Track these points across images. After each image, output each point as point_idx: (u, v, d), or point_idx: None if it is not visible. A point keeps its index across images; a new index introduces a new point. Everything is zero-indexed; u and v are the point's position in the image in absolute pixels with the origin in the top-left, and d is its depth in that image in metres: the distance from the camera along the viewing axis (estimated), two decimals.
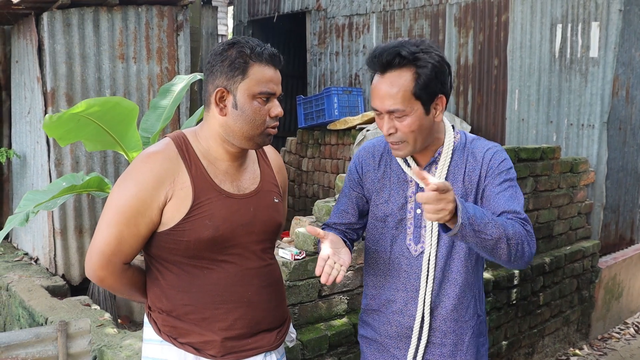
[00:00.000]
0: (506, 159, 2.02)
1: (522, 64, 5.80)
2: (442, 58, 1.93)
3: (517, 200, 1.94)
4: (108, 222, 1.80)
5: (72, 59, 5.25)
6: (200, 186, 1.82)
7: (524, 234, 1.84)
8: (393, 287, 2.11)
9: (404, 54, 1.87)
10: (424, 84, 1.88)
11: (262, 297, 1.94)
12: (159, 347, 1.90)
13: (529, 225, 1.89)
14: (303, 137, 7.67)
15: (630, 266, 5.69)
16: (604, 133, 5.27)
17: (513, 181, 1.99)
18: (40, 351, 2.75)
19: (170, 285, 1.87)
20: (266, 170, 2.04)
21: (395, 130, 1.93)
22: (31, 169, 5.72)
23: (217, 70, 1.80)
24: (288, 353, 2.85)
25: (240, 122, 1.81)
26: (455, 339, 2.10)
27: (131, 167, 1.82)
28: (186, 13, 5.83)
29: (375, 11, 7.26)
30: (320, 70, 8.06)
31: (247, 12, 9.29)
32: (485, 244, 1.76)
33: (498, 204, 1.93)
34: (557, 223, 4.88)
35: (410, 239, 2.06)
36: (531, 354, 4.61)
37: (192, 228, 1.79)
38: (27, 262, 5.52)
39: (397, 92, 1.88)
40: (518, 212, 1.90)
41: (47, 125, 3.58)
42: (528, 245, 1.84)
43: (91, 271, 1.85)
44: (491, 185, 1.97)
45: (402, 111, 1.89)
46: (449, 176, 2.03)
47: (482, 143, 2.06)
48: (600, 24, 5.22)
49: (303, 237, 3.17)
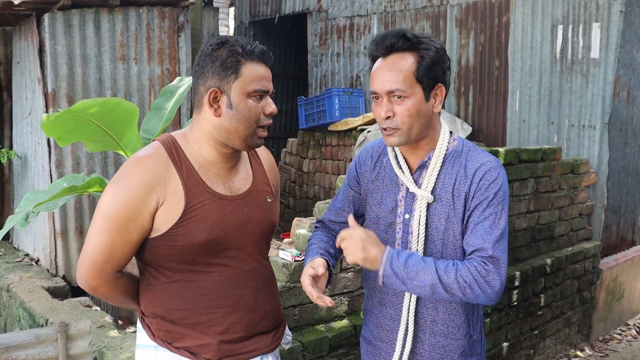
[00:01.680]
0: (497, 178, 1.92)
1: (523, 65, 5.80)
2: (443, 48, 1.93)
3: (493, 233, 1.88)
4: (98, 229, 1.76)
5: (73, 60, 5.25)
6: (192, 189, 1.79)
7: (472, 278, 1.81)
8: (384, 290, 2.09)
9: (409, 36, 1.87)
10: (426, 67, 1.87)
11: (258, 300, 1.92)
12: (153, 353, 1.88)
13: (490, 265, 1.83)
14: (304, 138, 7.67)
15: (632, 267, 5.68)
16: (605, 134, 5.26)
17: (498, 206, 1.91)
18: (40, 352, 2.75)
19: (164, 290, 1.85)
20: (258, 169, 2.01)
21: (393, 115, 1.89)
22: (32, 170, 5.72)
23: (209, 71, 1.78)
24: (288, 354, 2.85)
25: (235, 121, 1.78)
26: (444, 355, 2.05)
27: (120, 173, 1.79)
28: (187, 14, 5.83)
29: (376, 12, 7.26)
30: (321, 72, 8.06)
31: (249, 13, 9.29)
32: (419, 291, 1.84)
33: (472, 238, 1.89)
34: (558, 224, 4.88)
35: (399, 244, 2.03)
36: (532, 356, 4.60)
37: (186, 232, 1.76)
38: (28, 263, 5.52)
39: (398, 73, 1.87)
40: (484, 249, 1.85)
41: (45, 125, 3.56)
42: (478, 287, 1.81)
43: (83, 280, 1.81)
44: (476, 211, 1.91)
45: (403, 91, 1.86)
46: (438, 184, 1.97)
47: (477, 157, 1.97)
48: (601, 25, 5.21)
49: (303, 239, 3.17)
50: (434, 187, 1.97)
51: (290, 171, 7.96)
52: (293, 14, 8.43)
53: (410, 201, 2.00)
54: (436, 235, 1.97)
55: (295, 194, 7.86)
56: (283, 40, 9.68)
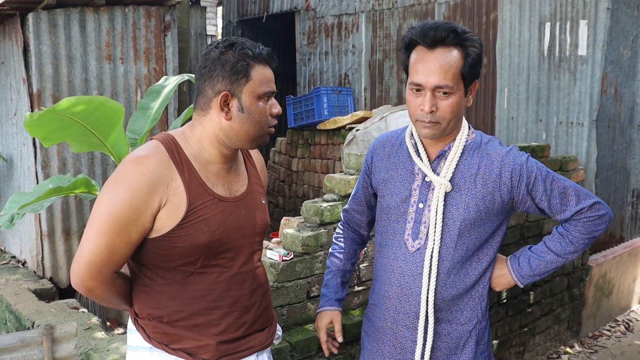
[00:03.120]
0: (527, 159, 2.02)
1: (511, 62, 5.80)
2: (482, 43, 1.96)
3: (570, 193, 2.03)
4: (98, 230, 1.70)
5: (58, 60, 5.21)
6: (194, 191, 1.77)
7: (586, 234, 2.03)
8: (388, 282, 2.09)
9: (459, 31, 1.89)
10: (472, 64, 1.90)
11: (254, 300, 1.93)
12: (147, 354, 1.86)
13: (593, 211, 2.02)
14: (293, 137, 7.65)
15: (620, 264, 5.70)
16: (593, 131, 5.27)
17: (549, 175, 2.03)
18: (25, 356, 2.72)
19: (160, 292, 1.82)
20: (252, 171, 2.02)
21: (437, 109, 1.91)
22: (18, 172, 5.67)
23: (218, 75, 1.76)
24: (276, 355, 2.83)
25: (247, 124, 1.79)
26: (450, 343, 2.07)
27: (121, 172, 1.73)
28: (174, 13, 5.80)
29: (364, 10, 7.25)
30: (309, 70, 8.04)
31: (237, 12, 9.26)
32: (554, 271, 2.12)
33: (559, 210, 2.04)
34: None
35: (409, 234, 2.04)
36: (522, 353, 4.60)
37: (188, 234, 1.75)
38: (15, 266, 5.47)
39: (448, 69, 1.88)
40: (579, 210, 2.03)
41: (28, 124, 3.51)
42: (597, 230, 2.04)
43: (79, 282, 1.76)
44: (536, 194, 2.01)
45: (450, 88, 1.88)
46: (457, 174, 2.00)
47: (498, 145, 2.05)
48: (588, 22, 5.22)
49: (291, 238, 3.15)
50: (452, 176, 2.00)
51: (279, 170, 7.94)
52: (281, 12, 8.41)
53: (425, 191, 2.03)
54: (452, 226, 2.00)
55: (284, 193, 7.84)
56: (271, 40, 9.65)
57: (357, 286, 3.35)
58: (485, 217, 2.01)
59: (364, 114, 6.38)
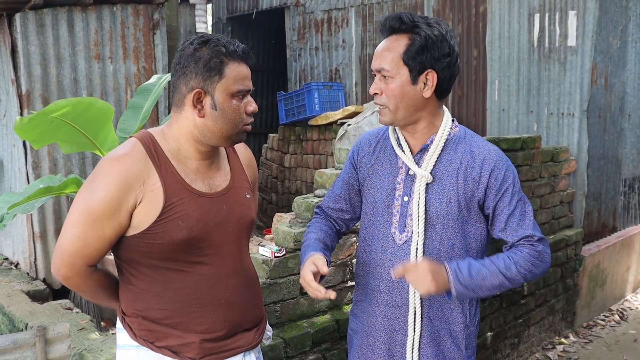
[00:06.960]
0: (508, 167, 2.02)
1: (501, 54, 5.80)
2: (443, 36, 1.95)
3: (527, 218, 2.01)
4: (73, 222, 1.75)
5: (46, 60, 5.17)
6: (171, 187, 1.77)
7: (529, 263, 1.96)
8: (378, 275, 2.09)
9: (404, 19, 1.94)
10: (414, 51, 1.92)
11: (240, 298, 1.92)
12: (134, 352, 1.86)
13: (540, 245, 1.99)
14: (284, 133, 7.64)
15: (614, 253, 5.72)
16: (584, 121, 5.28)
17: (520, 193, 2.03)
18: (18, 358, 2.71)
19: (144, 290, 1.83)
20: (236, 166, 2.00)
21: (380, 92, 1.99)
22: (8, 173, 5.64)
23: (191, 72, 1.76)
24: (270, 351, 2.83)
25: (220, 122, 1.78)
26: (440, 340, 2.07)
27: (98, 169, 1.77)
28: (162, 11, 5.77)
29: (353, 5, 7.23)
30: (300, 66, 8.03)
31: (226, 9, 9.22)
32: (488, 293, 1.96)
33: (512, 228, 2.00)
34: (540, 212, 4.89)
35: (396, 227, 2.05)
36: (517, 344, 4.62)
37: (165, 230, 1.75)
38: (7, 267, 5.45)
39: (388, 53, 1.96)
40: (530, 235, 1.99)
41: (18, 128, 3.50)
42: (536, 268, 1.97)
43: (56, 269, 1.81)
44: (502, 202, 2.00)
45: (388, 71, 1.96)
46: (438, 166, 2.02)
47: (482, 144, 2.04)
48: (577, 12, 5.23)
49: (283, 235, 3.14)
50: (434, 168, 2.02)
51: (271, 167, 7.93)
52: (271, 8, 8.38)
53: (409, 184, 2.04)
54: (436, 219, 2.01)
55: (277, 189, 7.83)
56: (261, 36, 9.62)
57: (350, 281, 3.35)
58: (468, 215, 2.02)
59: (355, 108, 6.38)
